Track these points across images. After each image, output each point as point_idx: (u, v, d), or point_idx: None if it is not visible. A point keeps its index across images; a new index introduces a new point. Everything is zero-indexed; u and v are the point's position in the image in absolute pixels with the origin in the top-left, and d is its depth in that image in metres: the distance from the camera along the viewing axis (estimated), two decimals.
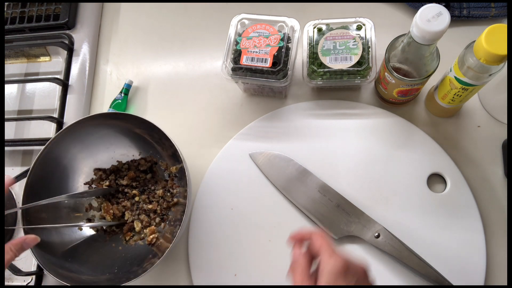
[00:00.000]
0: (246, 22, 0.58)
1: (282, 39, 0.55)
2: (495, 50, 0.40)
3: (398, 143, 0.56)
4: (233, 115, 0.63)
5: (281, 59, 0.54)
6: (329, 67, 0.54)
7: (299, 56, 0.56)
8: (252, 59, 0.54)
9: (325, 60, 0.54)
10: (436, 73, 0.49)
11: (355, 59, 0.53)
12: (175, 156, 0.56)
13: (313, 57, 0.55)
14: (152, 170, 0.61)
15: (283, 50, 0.54)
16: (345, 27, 0.56)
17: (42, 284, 0.60)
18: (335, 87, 0.60)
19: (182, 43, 0.69)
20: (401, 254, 0.50)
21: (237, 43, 0.56)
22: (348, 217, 0.53)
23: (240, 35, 0.57)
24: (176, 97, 0.66)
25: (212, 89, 0.65)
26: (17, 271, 0.57)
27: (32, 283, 0.60)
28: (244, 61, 0.55)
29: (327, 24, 0.56)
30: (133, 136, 0.58)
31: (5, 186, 0.45)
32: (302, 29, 0.57)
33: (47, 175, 0.55)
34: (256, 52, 0.55)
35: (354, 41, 0.54)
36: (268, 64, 0.54)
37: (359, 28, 0.55)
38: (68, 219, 0.58)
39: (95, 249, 0.56)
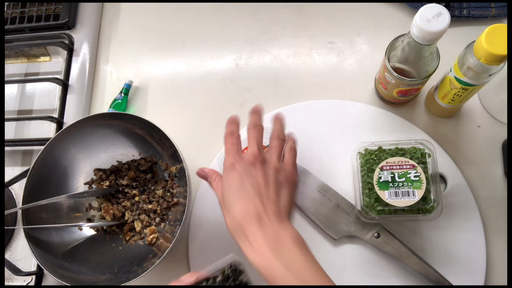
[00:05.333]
0: None
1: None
2: (495, 50, 0.40)
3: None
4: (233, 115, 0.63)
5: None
6: (389, 204, 0.47)
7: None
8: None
9: (383, 195, 0.47)
10: (436, 73, 0.49)
11: (418, 194, 0.47)
12: (175, 156, 0.56)
13: (368, 187, 0.49)
14: (152, 170, 0.61)
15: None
16: (401, 150, 0.49)
17: (42, 284, 0.60)
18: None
19: (182, 43, 0.69)
20: (401, 254, 0.50)
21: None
22: (348, 217, 0.53)
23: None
24: (176, 97, 0.66)
25: (212, 89, 0.65)
26: (17, 271, 0.57)
27: (32, 283, 0.60)
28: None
29: (380, 147, 0.50)
30: (133, 136, 0.58)
31: None
32: None
33: (47, 175, 0.55)
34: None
35: (416, 172, 0.47)
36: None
37: (417, 154, 0.48)
38: (68, 219, 0.58)
39: (95, 249, 0.56)
